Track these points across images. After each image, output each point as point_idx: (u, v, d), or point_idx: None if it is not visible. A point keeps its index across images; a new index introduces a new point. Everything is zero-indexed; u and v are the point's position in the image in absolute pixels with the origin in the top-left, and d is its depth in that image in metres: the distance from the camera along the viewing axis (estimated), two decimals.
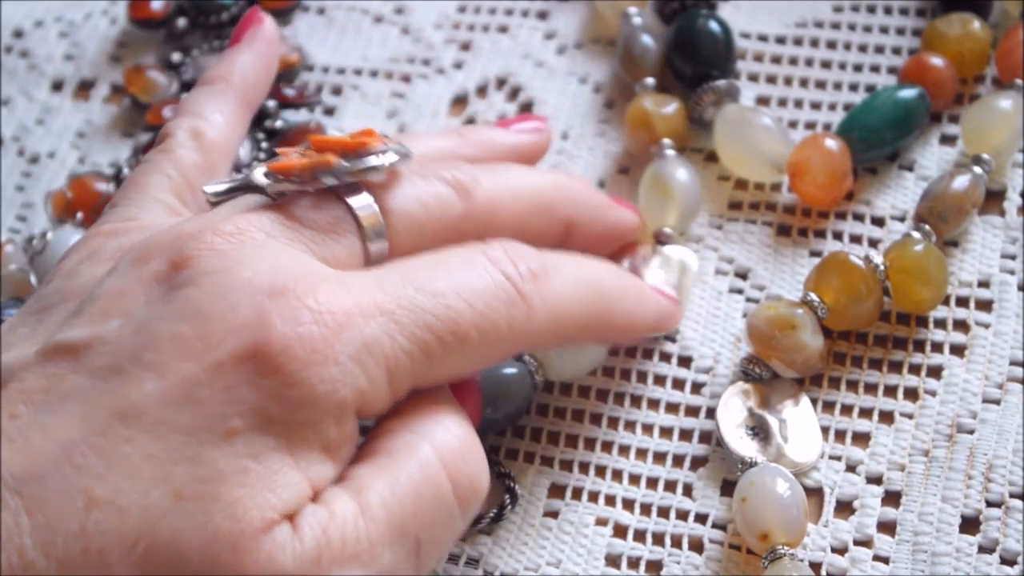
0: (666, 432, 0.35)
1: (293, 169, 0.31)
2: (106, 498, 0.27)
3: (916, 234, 0.36)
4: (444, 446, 0.30)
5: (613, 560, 0.34)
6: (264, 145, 0.41)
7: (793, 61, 0.42)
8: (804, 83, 0.41)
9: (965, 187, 0.36)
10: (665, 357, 0.37)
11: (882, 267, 0.35)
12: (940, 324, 0.36)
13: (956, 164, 0.38)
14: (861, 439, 0.34)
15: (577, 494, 0.35)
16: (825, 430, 0.34)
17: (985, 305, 0.36)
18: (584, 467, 0.35)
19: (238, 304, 0.28)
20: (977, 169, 0.37)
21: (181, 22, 0.46)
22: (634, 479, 0.35)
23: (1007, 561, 0.32)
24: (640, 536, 0.34)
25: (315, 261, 0.30)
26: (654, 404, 0.36)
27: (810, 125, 0.40)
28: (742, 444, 0.34)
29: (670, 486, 0.34)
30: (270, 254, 0.30)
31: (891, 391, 0.35)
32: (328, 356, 0.28)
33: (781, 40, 0.42)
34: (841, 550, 0.33)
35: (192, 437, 0.27)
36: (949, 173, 0.37)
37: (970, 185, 0.36)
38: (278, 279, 0.29)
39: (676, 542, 0.34)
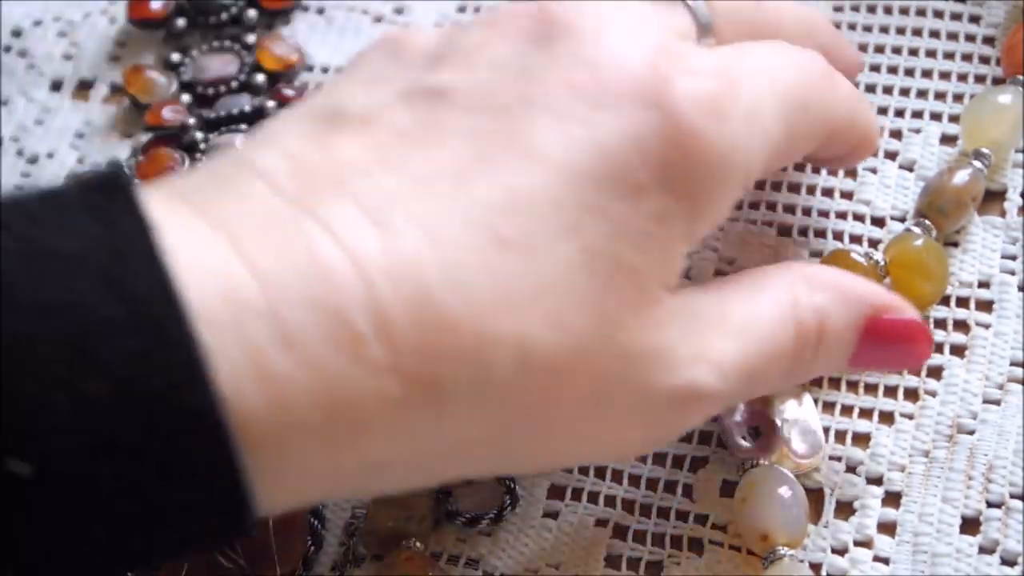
0: None
1: None
2: (515, 239, 0.25)
3: (916, 229, 0.36)
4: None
5: (613, 561, 0.34)
6: None
7: None
8: None
9: (965, 181, 0.36)
10: None
11: (882, 263, 0.35)
12: (940, 324, 0.36)
13: (956, 159, 0.38)
14: (861, 440, 0.34)
15: (577, 495, 0.35)
16: (825, 430, 0.34)
17: (985, 305, 0.36)
18: (584, 468, 0.35)
19: (628, 53, 0.27)
20: (977, 163, 0.37)
21: (180, 22, 0.46)
22: (634, 480, 0.35)
23: (1007, 562, 0.32)
24: (640, 537, 0.34)
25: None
26: None
27: None
28: (744, 444, 0.34)
29: (670, 487, 0.34)
30: (632, 16, 0.29)
31: (891, 391, 0.35)
32: (726, 112, 0.27)
33: None
34: (841, 551, 0.33)
35: (600, 187, 0.26)
36: (949, 168, 0.37)
37: (970, 179, 0.36)
38: (653, 35, 0.28)
39: (676, 543, 0.34)
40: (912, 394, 0.35)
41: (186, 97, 0.44)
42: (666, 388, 0.27)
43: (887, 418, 0.34)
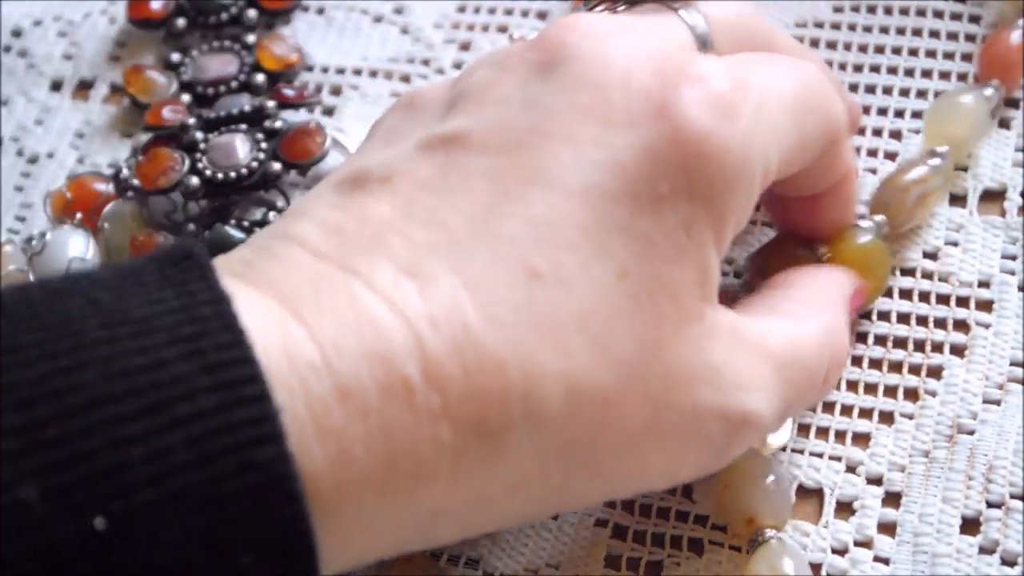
0: None
1: None
2: (547, 271, 0.25)
3: (864, 224, 0.36)
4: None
5: (613, 561, 0.34)
6: (264, 146, 0.41)
7: None
8: None
9: (916, 177, 0.37)
10: None
11: (825, 257, 0.35)
12: (940, 324, 0.36)
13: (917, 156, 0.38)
14: (861, 439, 0.34)
15: None
16: (825, 430, 0.34)
17: (985, 305, 0.36)
18: None
19: (632, 68, 0.27)
20: (933, 161, 0.37)
21: (180, 22, 0.46)
22: None
23: (1007, 562, 0.32)
24: (640, 537, 0.34)
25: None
26: None
27: None
28: None
29: (670, 488, 0.34)
30: (632, 30, 0.29)
31: (891, 391, 0.35)
32: (736, 112, 0.27)
33: None
34: (841, 551, 0.33)
35: (623, 205, 0.26)
36: (907, 163, 0.37)
37: (923, 175, 0.37)
38: (654, 47, 0.28)
39: (676, 543, 0.34)
40: (912, 394, 0.35)
41: (186, 97, 0.44)
42: (717, 410, 0.27)
43: (887, 418, 0.34)
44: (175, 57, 0.45)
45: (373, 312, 0.24)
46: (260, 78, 0.44)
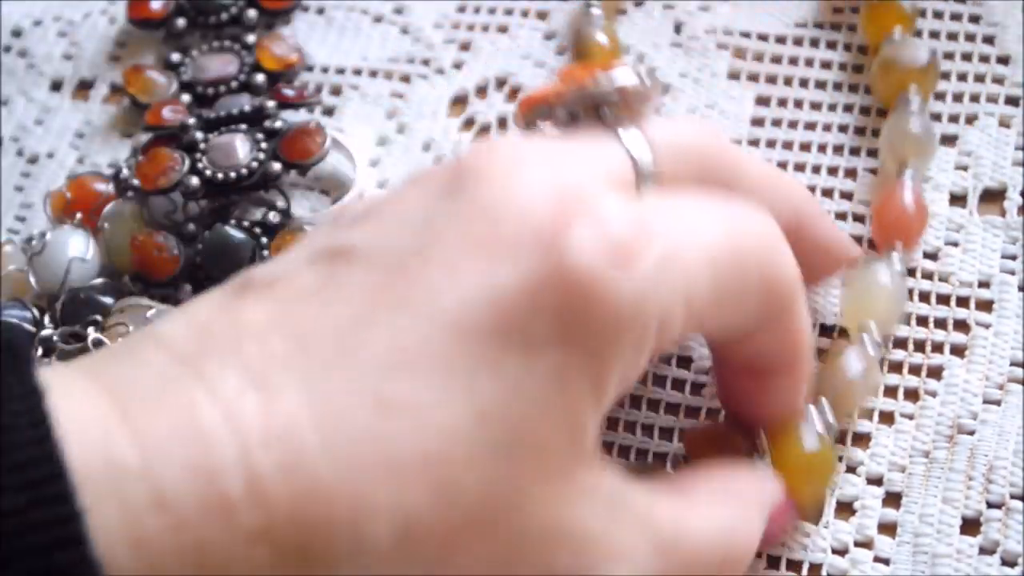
0: (666, 433, 0.35)
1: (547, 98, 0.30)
2: (399, 401, 0.24)
3: (814, 416, 0.33)
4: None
5: None
6: (264, 146, 0.41)
7: (793, 61, 0.42)
8: (804, 83, 0.41)
9: (859, 372, 0.34)
10: (664, 358, 0.37)
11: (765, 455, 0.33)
12: (940, 324, 0.36)
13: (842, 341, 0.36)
14: (862, 440, 0.34)
15: None
16: None
17: (985, 305, 0.36)
18: None
19: (532, 201, 0.26)
20: (867, 345, 0.34)
21: (180, 22, 0.46)
22: None
23: (1008, 562, 0.32)
24: None
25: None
26: (654, 405, 0.36)
27: (810, 126, 0.40)
28: None
29: None
30: (552, 159, 0.27)
31: (891, 391, 0.35)
32: (631, 260, 0.25)
33: (781, 40, 0.42)
34: (841, 551, 0.33)
35: (492, 344, 0.24)
36: (842, 356, 0.34)
37: (864, 367, 0.34)
38: (567, 180, 0.26)
39: None
40: (912, 394, 0.35)
41: (186, 97, 0.44)
42: None
43: (887, 418, 0.35)
44: (175, 57, 0.45)
45: (206, 422, 0.23)
46: (260, 78, 0.44)
